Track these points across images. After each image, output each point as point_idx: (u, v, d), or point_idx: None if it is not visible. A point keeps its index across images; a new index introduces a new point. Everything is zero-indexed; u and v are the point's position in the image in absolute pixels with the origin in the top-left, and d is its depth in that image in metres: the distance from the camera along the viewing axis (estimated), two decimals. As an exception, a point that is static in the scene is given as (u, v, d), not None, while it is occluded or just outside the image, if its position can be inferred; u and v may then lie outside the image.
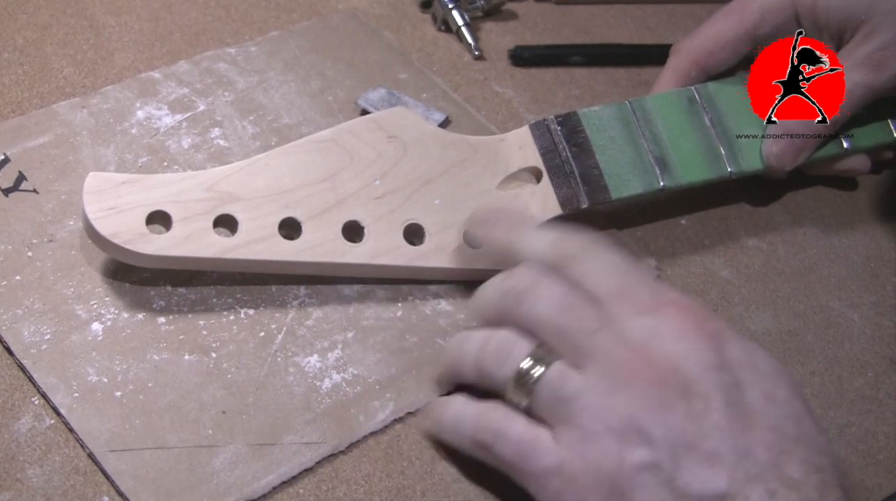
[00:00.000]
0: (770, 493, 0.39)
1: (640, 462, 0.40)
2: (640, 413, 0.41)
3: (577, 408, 0.42)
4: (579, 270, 0.45)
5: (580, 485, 0.41)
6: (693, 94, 0.58)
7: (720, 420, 0.40)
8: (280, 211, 0.50)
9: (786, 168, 0.58)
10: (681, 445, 0.40)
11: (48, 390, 0.47)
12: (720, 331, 0.43)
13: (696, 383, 0.41)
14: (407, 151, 0.53)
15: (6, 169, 0.55)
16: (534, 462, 0.42)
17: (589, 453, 0.41)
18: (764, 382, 0.42)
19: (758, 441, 0.40)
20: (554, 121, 0.55)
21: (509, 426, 0.43)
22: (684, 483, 0.40)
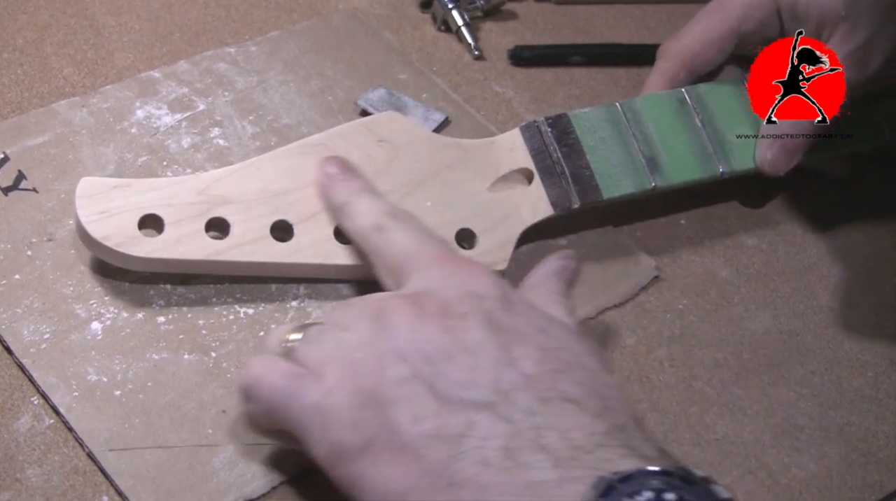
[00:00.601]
0: (542, 400, 0.39)
1: (398, 377, 0.40)
2: (397, 336, 0.41)
3: (335, 347, 0.42)
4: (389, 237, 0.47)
5: (344, 411, 0.40)
6: (683, 96, 0.59)
7: (479, 334, 0.41)
8: (272, 213, 0.50)
9: (779, 173, 0.59)
10: (437, 356, 0.40)
11: (48, 389, 0.47)
12: (505, 286, 0.44)
13: (454, 305, 0.42)
14: (398, 154, 0.53)
15: (6, 168, 0.55)
16: (296, 400, 0.41)
17: (349, 379, 0.40)
18: (539, 321, 0.43)
19: (525, 356, 0.41)
20: (544, 123, 0.56)
21: (271, 369, 0.42)
22: (444, 389, 0.39)
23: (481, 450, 0.38)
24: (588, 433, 0.38)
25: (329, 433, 0.40)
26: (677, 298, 0.57)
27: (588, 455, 0.37)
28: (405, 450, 0.39)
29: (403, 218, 0.48)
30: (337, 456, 0.40)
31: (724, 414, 0.52)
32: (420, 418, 0.39)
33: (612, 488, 0.35)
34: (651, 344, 0.54)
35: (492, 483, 0.37)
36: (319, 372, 0.41)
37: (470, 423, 0.39)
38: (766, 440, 0.51)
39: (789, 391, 0.53)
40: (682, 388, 0.53)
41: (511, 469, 0.37)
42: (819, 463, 0.51)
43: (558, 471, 0.37)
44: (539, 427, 0.38)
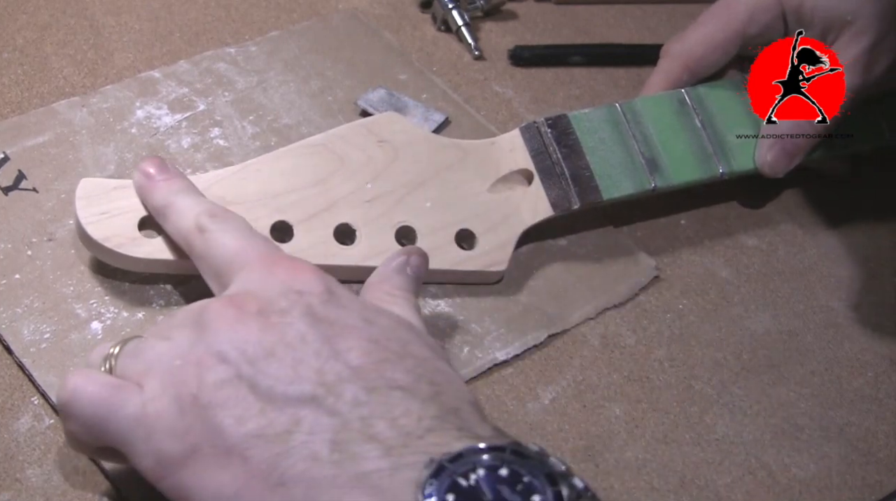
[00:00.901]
0: (369, 390, 0.38)
1: (218, 379, 0.39)
2: (216, 338, 0.40)
3: (155, 356, 0.41)
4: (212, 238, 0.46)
5: (166, 419, 0.39)
6: (683, 97, 0.59)
7: (301, 328, 0.40)
8: (271, 214, 0.50)
9: (778, 175, 0.59)
10: (258, 354, 0.39)
11: (48, 389, 0.47)
12: (330, 280, 0.43)
13: (275, 302, 0.41)
14: (398, 155, 0.53)
15: (6, 167, 0.55)
16: (116, 412, 0.40)
17: (169, 387, 0.39)
18: (365, 313, 0.42)
19: (350, 348, 0.40)
20: (544, 124, 0.56)
21: (88, 381, 0.40)
22: (267, 387, 0.38)
23: (309, 445, 0.37)
24: (417, 418, 0.38)
25: (152, 443, 0.39)
26: (677, 298, 0.57)
27: (419, 439, 0.37)
28: (231, 453, 0.38)
29: (225, 217, 0.47)
30: (162, 467, 0.39)
31: (724, 414, 0.52)
32: (244, 419, 0.38)
33: (443, 468, 0.35)
34: (651, 344, 0.54)
35: (322, 478, 0.36)
36: (139, 381, 0.40)
37: (296, 419, 0.38)
38: (766, 440, 0.51)
39: (789, 391, 0.53)
40: (682, 388, 0.53)
41: (341, 462, 0.36)
42: (819, 463, 0.51)
43: (389, 459, 0.36)
44: (367, 417, 0.38)
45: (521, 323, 0.54)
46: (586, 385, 0.52)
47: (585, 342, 0.54)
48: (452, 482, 0.35)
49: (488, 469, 0.35)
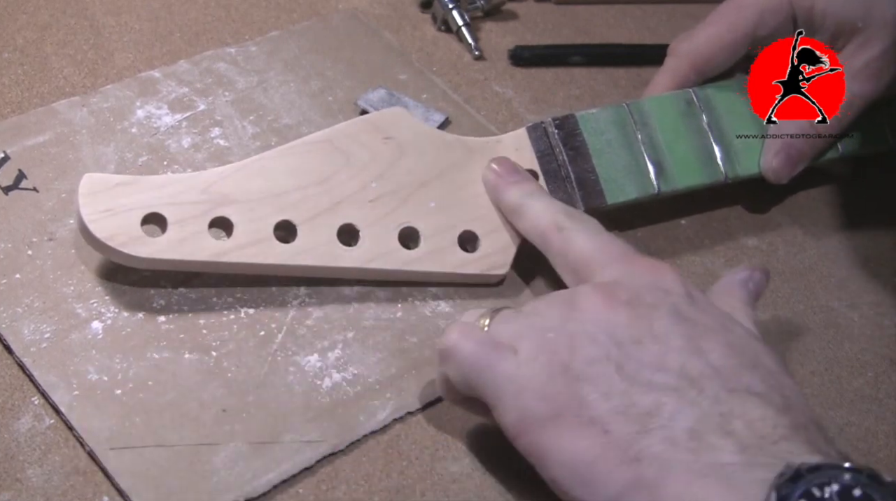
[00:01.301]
0: (728, 390, 0.40)
1: (589, 356, 0.42)
2: (587, 319, 0.43)
3: (528, 325, 0.44)
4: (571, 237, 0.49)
5: (536, 381, 0.42)
6: (691, 97, 0.58)
7: (667, 323, 0.43)
8: (275, 213, 0.50)
9: (782, 181, 0.59)
10: (626, 340, 0.42)
11: (48, 388, 0.47)
12: (689, 284, 0.46)
13: (643, 296, 0.44)
14: (403, 153, 0.53)
15: (6, 167, 0.55)
16: (493, 367, 0.43)
17: (542, 354, 0.42)
18: (722, 319, 0.44)
19: (711, 349, 0.42)
20: (551, 124, 0.55)
21: (469, 336, 0.44)
22: (634, 371, 0.41)
23: (668, 430, 0.39)
24: (773, 425, 0.39)
25: (520, 401, 0.42)
26: (677, 298, 0.57)
27: (773, 445, 0.38)
28: (593, 424, 0.40)
29: (582, 218, 0.50)
30: (525, 425, 0.42)
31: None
32: (609, 395, 0.41)
33: (801, 476, 0.36)
34: (651, 344, 0.54)
35: (676, 461, 0.38)
36: (513, 345, 0.43)
37: (658, 404, 0.40)
38: (767, 440, 0.51)
39: (789, 391, 0.53)
40: (683, 388, 0.53)
41: (696, 450, 0.38)
42: (819, 463, 0.51)
43: (744, 455, 0.38)
44: (726, 414, 0.39)
45: (522, 323, 0.54)
46: (587, 385, 0.52)
47: (586, 342, 0.54)
48: (807, 490, 0.35)
49: (843, 486, 0.36)
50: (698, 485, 0.37)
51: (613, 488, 0.39)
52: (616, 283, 0.45)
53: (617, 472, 0.39)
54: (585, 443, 0.40)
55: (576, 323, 0.43)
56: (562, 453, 0.41)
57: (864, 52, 0.57)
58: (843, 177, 0.64)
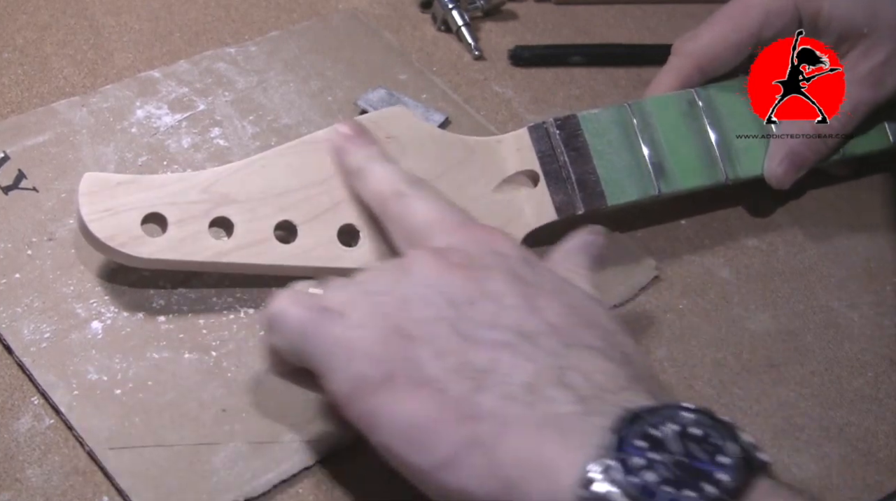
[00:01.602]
0: (565, 344, 0.40)
1: (422, 316, 0.40)
2: (421, 281, 0.42)
3: (359, 291, 0.42)
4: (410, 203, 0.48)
5: (367, 344, 0.40)
6: (693, 97, 0.58)
7: (502, 284, 0.42)
8: (276, 213, 0.50)
9: (784, 187, 0.59)
10: (460, 300, 0.41)
11: (48, 388, 0.47)
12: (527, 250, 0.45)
13: (477, 259, 0.43)
14: (405, 152, 0.53)
15: (6, 167, 0.55)
16: (322, 332, 0.41)
17: (373, 316, 0.41)
18: (560, 283, 0.44)
19: (547, 307, 0.41)
20: (553, 125, 0.55)
21: (297, 301, 0.42)
22: (468, 329, 0.40)
23: (504, 386, 0.38)
24: (612, 376, 0.39)
25: (351, 366, 0.40)
26: (677, 298, 0.57)
27: (613, 395, 0.38)
28: (427, 384, 0.39)
29: (423, 185, 0.49)
30: (357, 390, 0.40)
31: (724, 414, 0.52)
32: (443, 354, 0.39)
33: (638, 417, 0.36)
34: (651, 344, 0.54)
35: (514, 415, 0.37)
36: (344, 310, 0.42)
37: (493, 360, 0.39)
38: (766, 440, 0.51)
39: (789, 391, 0.53)
40: (682, 388, 0.53)
41: (534, 403, 0.38)
42: (819, 463, 0.51)
43: (583, 405, 0.37)
44: (563, 368, 0.39)
45: (522, 322, 0.53)
46: (586, 385, 0.52)
47: (585, 342, 0.54)
48: (644, 430, 0.35)
49: (681, 425, 0.36)
50: (535, 437, 0.37)
51: (449, 447, 0.38)
52: (451, 248, 0.44)
53: (452, 431, 0.38)
54: (420, 404, 0.39)
55: (408, 285, 0.42)
56: (395, 416, 0.39)
57: (868, 57, 0.58)
58: (844, 177, 0.64)
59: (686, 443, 0.35)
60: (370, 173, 0.50)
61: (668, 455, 0.35)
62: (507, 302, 0.41)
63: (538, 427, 0.37)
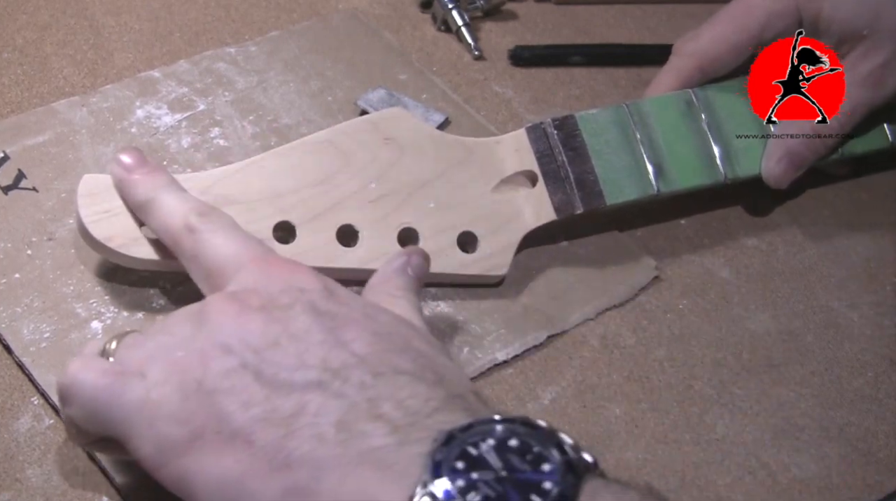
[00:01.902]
0: (375, 375, 0.38)
1: (223, 368, 0.39)
2: (219, 330, 0.40)
3: (156, 347, 0.41)
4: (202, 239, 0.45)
5: (169, 404, 0.39)
6: (691, 98, 0.58)
7: (304, 321, 0.40)
8: (275, 214, 0.50)
9: (782, 186, 0.59)
10: (262, 345, 0.39)
11: (47, 388, 0.47)
12: (327, 280, 0.44)
13: (276, 298, 0.41)
14: (403, 153, 0.53)
15: (6, 167, 0.55)
16: (119, 397, 0.39)
17: (173, 374, 0.39)
18: (365, 309, 0.42)
19: (354, 339, 0.40)
20: (550, 125, 0.55)
21: (90, 367, 0.40)
22: (272, 375, 0.38)
23: (315, 427, 0.37)
24: (424, 399, 0.38)
25: (155, 429, 0.39)
26: (677, 298, 0.57)
27: (427, 418, 0.37)
28: (235, 438, 0.37)
29: (215, 217, 0.46)
30: (164, 454, 0.39)
31: (724, 414, 0.52)
32: (249, 404, 0.38)
33: (453, 437, 0.35)
34: (651, 344, 0.54)
35: (328, 457, 0.36)
36: (141, 370, 0.40)
37: (301, 403, 0.38)
38: (766, 440, 0.51)
39: (789, 391, 0.53)
40: (682, 388, 0.53)
41: (347, 441, 0.36)
42: (819, 463, 0.51)
43: (396, 436, 0.36)
44: (374, 399, 0.38)
45: (521, 323, 0.54)
46: (586, 385, 0.52)
47: (585, 342, 0.54)
48: (462, 450, 0.35)
49: (498, 439, 0.35)
50: (353, 476, 0.36)
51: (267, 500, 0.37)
52: (248, 290, 0.42)
53: (268, 483, 0.37)
54: (230, 460, 0.37)
55: (207, 336, 0.40)
56: (207, 476, 0.38)
57: (868, 59, 0.58)
58: (843, 177, 0.64)
59: (506, 456, 0.35)
60: (158, 206, 0.47)
61: (489, 472, 0.34)
62: (312, 339, 0.40)
63: (355, 465, 0.36)
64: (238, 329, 0.40)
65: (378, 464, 0.36)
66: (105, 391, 0.40)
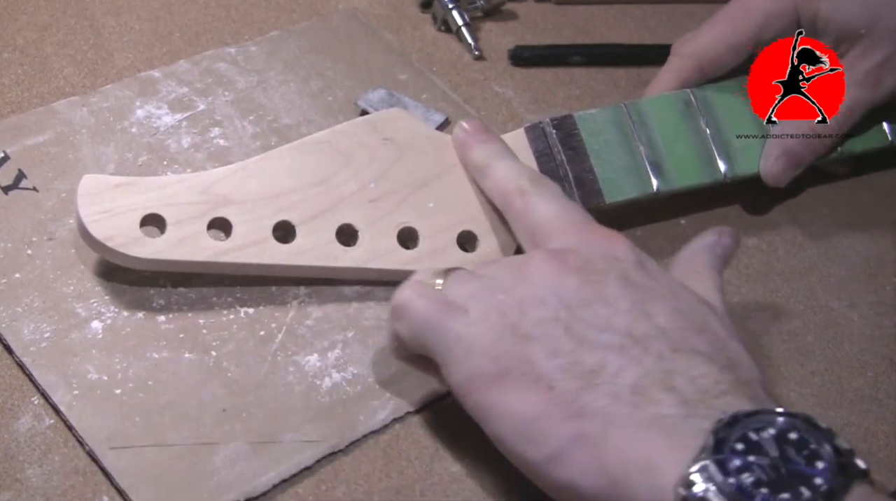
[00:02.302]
0: (673, 350, 0.41)
1: (537, 317, 0.42)
2: (538, 282, 0.44)
3: (480, 287, 0.44)
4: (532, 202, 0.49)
5: (485, 340, 0.42)
6: (689, 97, 0.58)
7: (616, 288, 0.43)
8: (274, 214, 0.50)
9: (780, 185, 0.59)
10: (575, 303, 0.43)
11: (48, 388, 0.47)
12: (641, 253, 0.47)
13: (594, 262, 0.45)
14: (402, 154, 0.53)
15: (6, 167, 0.55)
16: (443, 326, 0.43)
17: (492, 314, 0.43)
18: (672, 286, 0.45)
19: (658, 312, 0.43)
20: (549, 125, 0.56)
21: (421, 295, 0.45)
22: (581, 331, 0.42)
23: (612, 386, 0.40)
24: (715, 381, 0.40)
25: (469, 360, 0.42)
26: (677, 298, 0.57)
27: (715, 399, 0.39)
28: (539, 381, 0.41)
29: (545, 184, 0.50)
30: (473, 384, 0.42)
31: (725, 414, 0.52)
32: (555, 353, 0.41)
33: (737, 420, 0.37)
34: (651, 344, 0.54)
35: (619, 414, 0.39)
36: (465, 306, 0.43)
37: (603, 362, 0.41)
38: (767, 439, 0.51)
39: (789, 391, 0.53)
40: (683, 388, 0.53)
41: (639, 404, 0.39)
42: (819, 463, 0.51)
43: (685, 408, 0.39)
44: (669, 371, 0.40)
45: (522, 322, 0.53)
46: (586, 384, 0.52)
47: (585, 342, 0.54)
48: (744, 434, 0.37)
49: (779, 430, 0.37)
50: (639, 436, 0.38)
51: (557, 442, 0.40)
52: (568, 250, 0.45)
53: (561, 426, 0.40)
54: (531, 399, 0.41)
55: (526, 286, 0.44)
56: (508, 409, 0.41)
57: (866, 58, 0.58)
58: (843, 176, 0.64)
59: (783, 447, 0.37)
60: (493, 170, 0.52)
61: (765, 458, 0.36)
62: (620, 306, 0.43)
63: (642, 427, 0.39)
64: (555, 284, 0.43)
65: (664, 430, 0.38)
66: (432, 318, 0.44)
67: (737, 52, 0.60)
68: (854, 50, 0.58)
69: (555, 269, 0.44)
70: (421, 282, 0.46)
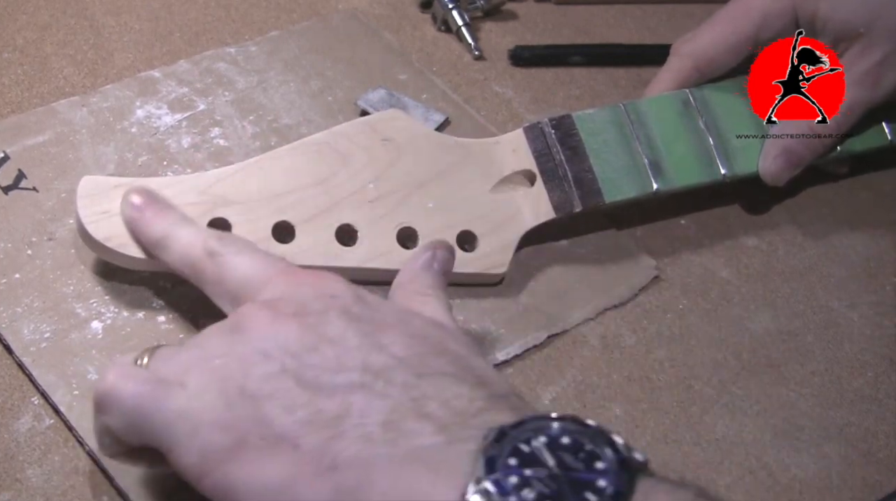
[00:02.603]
0: (417, 375, 0.38)
1: (264, 373, 0.39)
2: (256, 337, 0.40)
3: (191, 358, 0.40)
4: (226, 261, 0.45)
5: (212, 411, 0.38)
6: (688, 97, 0.59)
7: (340, 326, 0.40)
8: (273, 214, 0.50)
9: (779, 184, 0.59)
10: (300, 350, 0.39)
11: (48, 388, 0.47)
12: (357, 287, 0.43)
13: (309, 305, 0.41)
14: (401, 154, 0.53)
15: (6, 167, 0.55)
16: (160, 406, 0.39)
17: (214, 381, 0.39)
18: (397, 313, 0.42)
19: (392, 342, 0.40)
20: (548, 125, 0.56)
21: (130, 376, 0.40)
22: (313, 378, 0.38)
23: (361, 428, 0.37)
24: (469, 399, 0.38)
25: (198, 437, 0.38)
26: (677, 298, 0.57)
27: (473, 418, 0.37)
28: (280, 442, 0.37)
29: (234, 240, 0.46)
30: (207, 462, 0.38)
31: (724, 414, 0.52)
32: (292, 408, 0.38)
33: (504, 434, 0.35)
34: (651, 344, 0.54)
35: (376, 457, 0.36)
36: (181, 380, 0.39)
37: (346, 405, 0.37)
38: (766, 440, 0.51)
39: (789, 391, 0.53)
40: (682, 388, 0.53)
41: (394, 441, 0.36)
42: (819, 463, 0.51)
43: (444, 434, 0.36)
44: (418, 399, 0.37)
45: (522, 323, 0.54)
46: (586, 385, 0.52)
47: (585, 342, 0.54)
48: (514, 447, 0.35)
49: (550, 436, 0.35)
50: (403, 475, 0.35)
51: None
52: (279, 298, 0.42)
53: (316, 486, 0.36)
54: (277, 465, 0.37)
55: (244, 344, 0.40)
56: (253, 482, 0.37)
57: (865, 58, 0.58)
58: (842, 176, 0.64)
59: (559, 454, 0.35)
60: (175, 240, 0.46)
61: (543, 470, 0.34)
62: (349, 343, 0.40)
63: (405, 463, 0.36)
64: (274, 334, 0.40)
65: (428, 462, 0.35)
66: (146, 399, 0.39)
67: (736, 52, 0.60)
68: (853, 49, 0.58)
69: (270, 320, 0.40)
70: (123, 364, 0.40)
